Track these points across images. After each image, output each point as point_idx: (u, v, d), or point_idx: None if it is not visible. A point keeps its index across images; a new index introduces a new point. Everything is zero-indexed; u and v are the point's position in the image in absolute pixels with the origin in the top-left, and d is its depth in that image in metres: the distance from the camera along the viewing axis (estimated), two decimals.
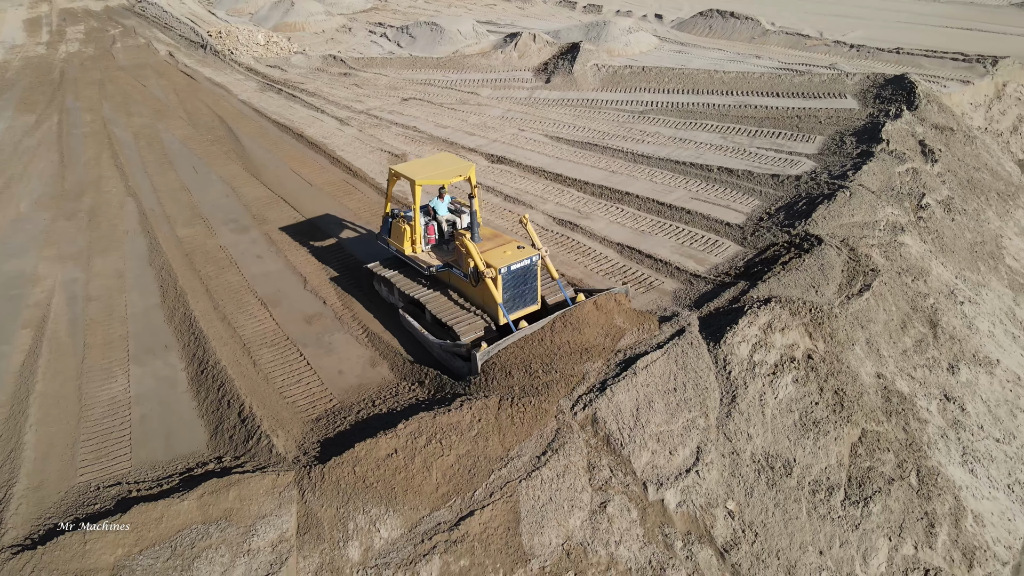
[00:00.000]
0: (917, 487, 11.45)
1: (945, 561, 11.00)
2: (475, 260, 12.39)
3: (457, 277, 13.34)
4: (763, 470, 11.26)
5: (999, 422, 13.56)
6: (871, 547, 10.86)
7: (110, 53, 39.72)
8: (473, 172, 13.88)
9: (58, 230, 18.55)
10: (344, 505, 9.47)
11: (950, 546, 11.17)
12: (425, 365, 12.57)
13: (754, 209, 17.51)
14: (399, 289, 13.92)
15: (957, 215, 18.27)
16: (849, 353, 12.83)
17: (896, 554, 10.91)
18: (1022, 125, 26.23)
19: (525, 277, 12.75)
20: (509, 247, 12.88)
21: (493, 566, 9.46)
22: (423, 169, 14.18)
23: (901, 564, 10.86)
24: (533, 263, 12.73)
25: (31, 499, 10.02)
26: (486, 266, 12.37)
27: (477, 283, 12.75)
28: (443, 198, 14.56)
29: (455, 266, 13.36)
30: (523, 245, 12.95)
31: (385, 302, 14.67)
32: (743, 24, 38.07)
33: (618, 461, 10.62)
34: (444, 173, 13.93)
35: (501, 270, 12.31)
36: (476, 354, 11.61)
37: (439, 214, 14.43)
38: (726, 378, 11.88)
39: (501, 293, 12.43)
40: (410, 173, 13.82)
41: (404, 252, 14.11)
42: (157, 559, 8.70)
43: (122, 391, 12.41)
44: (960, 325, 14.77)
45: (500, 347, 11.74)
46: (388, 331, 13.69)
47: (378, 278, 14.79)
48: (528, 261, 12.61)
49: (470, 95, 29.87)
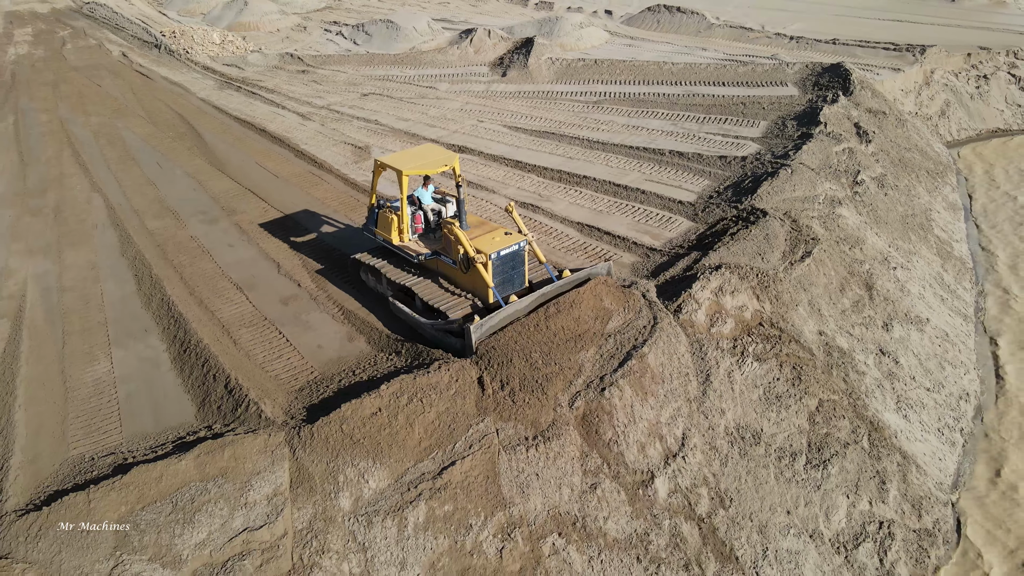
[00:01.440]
0: (869, 449, 12.58)
1: (897, 513, 12.12)
2: (465, 247, 12.85)
3: (445, 264, 13.73)
4: (735, 441, 12.22)
5: (929, 373, 14.85)
6: (832, 505, 11.94)
7: (61, 55, 39.21)
8: (457, 162, 14.36)
9: (24, 226, 18.67)
10: (333, 460, 10.13)
11: (900, 499, 12.30)
12: (401, 336, 13.23)
13: (704, 188, 18.61)
14: (388, 278, 14.21)
15: (890, 190, 19.67)
16: (793, 313, 13.95)
17: (854, 510, 12.00)
18: (949, 109, 28.02)
19: (514, 262, 13.33)
20: (497, 233, 13.44)
21: (475, 510, 10.24)
22: (409, 160, 14.51)
23: (859, 519, 11.95)
24: (521, 248, 13.34)
25: (28, 471, 10.42)
26: (476, 252, 12.81)
27: (468, 270, 13.17)
28: (427, 187, 14.95)
29: (443, 253, 13.76)
30: (510, 231, 13.53)
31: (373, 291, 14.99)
32: (689, 18, 39.52)
33: (611, 454, 11.26)
34: (430, 164, 14.32)
35: (492, 256, 12.82)
36: (469, 327, 12.01)
37: (424, 203, 14.82)
38: (701, 359, 12.80)
39: (492, 277, 12.91)
40: (397, 164, 14.20)
41: (392, 241, 14.42)
42: (160, 514, 9.26)
43: (106, 372, 12.80)
44: (893, 288, 16.06)
45: (493, 321, 12.23)
46: (363, 309, 14.31)
47: (365, 267, 15.04)
48: (517, 247, 13.21)
49: (428, 89, 30.54)
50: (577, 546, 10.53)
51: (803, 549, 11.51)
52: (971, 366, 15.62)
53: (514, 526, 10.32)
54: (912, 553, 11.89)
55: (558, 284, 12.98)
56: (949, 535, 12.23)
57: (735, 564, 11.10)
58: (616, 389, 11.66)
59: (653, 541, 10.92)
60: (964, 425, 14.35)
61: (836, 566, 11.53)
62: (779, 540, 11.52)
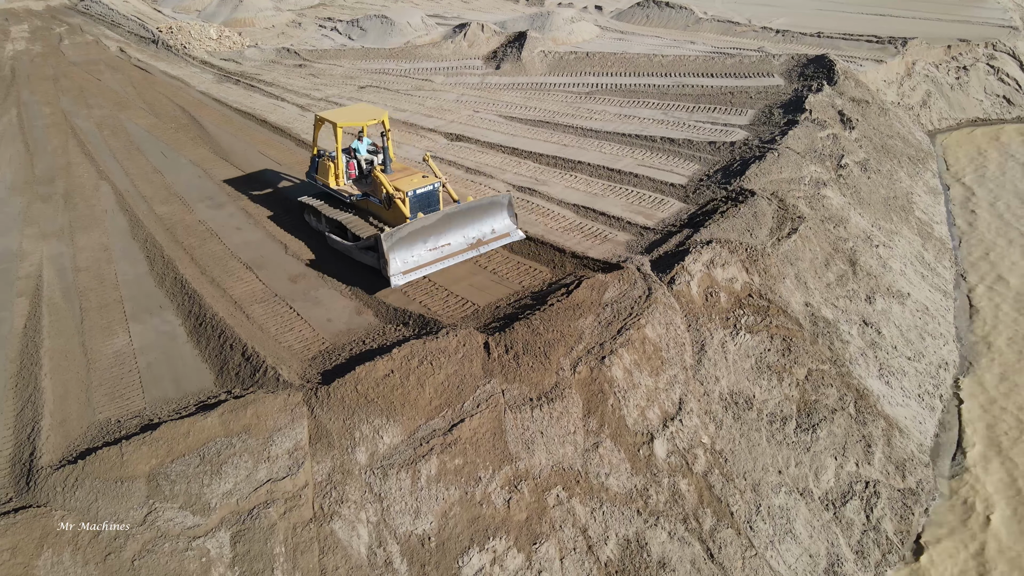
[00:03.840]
0: (855, 415, 13.33)
1: (882, 474, 12.88)
2: (386, 187, 15.32)
3: (373, 203, 16.14)
4: (729, 406, 12.94)
5: (910, 343, 15.62)
6: (821, 466, 12.68)
7: (59, 50, 39.54)
8: (387, 117, 16.52)
9: (36, 211, 19.16)
10: (350, 417, 10.75)
11: (885, 461, 13.06)
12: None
13: (695, 172, 19.32)
14: (325, 216, 16.68)
15: (873, 174, 20.45)
16: (781, 285, 14.67)
17: (841, 471, 12.76)
18: (930, 99, 28.89)
19: (429, 200, 15.59)
20: (415, 176, 15.84)
21: (483, 464, 10.89)
22: (343, 115, 17.14)
23: (846, 479, 12.70)
24: (435, 189, 15.65)
25: (58, 432, 10.96)
26: (396, 191, 15.28)
27: (390, 206, 15.53)
28: (362, 140, 17.29)
29: (372, 194, 16.18)
30: (427, 175, 15.88)
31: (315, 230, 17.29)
32: (678, 13, 40.28)
33: (612, 416, 11.90)
34: (360, 118, 16.85)
35: (408, 193, 15.23)
36: (380, 235, 13.89)
37: (359, 153, 17.12)
38: (696, 330, 13.50)
39: (409, 211, 15.19)
40: (332, 118, 16.62)
41: (329, 185, 16.83)
42: (188, 466, 9.85)
43: (125, 344, 13.35)
44: (876, 264, 16.82)
45: (403, 232, 14.02)
46: (372, 287, 14.91)
47: (307, 208, 17.49)
48: (431, 187, 15.56)
49: (424, 82, 31.15)
50: (580, 499, 11.19)
51: (794, 506, 12.22)
52: (950, 337, 16.40)
53: (520, 479, 10.98)
54: (897, 511, 12.64)
55: (460, 205, 14.96)
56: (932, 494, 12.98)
57: (730, 519, 11.79)
58: (616, 357, 12.33)
59: (652, 496, 11.60)
60: (943, 392, 15.13)
61: (825, 521, 12.25)
62: (771, 497, 12.24)
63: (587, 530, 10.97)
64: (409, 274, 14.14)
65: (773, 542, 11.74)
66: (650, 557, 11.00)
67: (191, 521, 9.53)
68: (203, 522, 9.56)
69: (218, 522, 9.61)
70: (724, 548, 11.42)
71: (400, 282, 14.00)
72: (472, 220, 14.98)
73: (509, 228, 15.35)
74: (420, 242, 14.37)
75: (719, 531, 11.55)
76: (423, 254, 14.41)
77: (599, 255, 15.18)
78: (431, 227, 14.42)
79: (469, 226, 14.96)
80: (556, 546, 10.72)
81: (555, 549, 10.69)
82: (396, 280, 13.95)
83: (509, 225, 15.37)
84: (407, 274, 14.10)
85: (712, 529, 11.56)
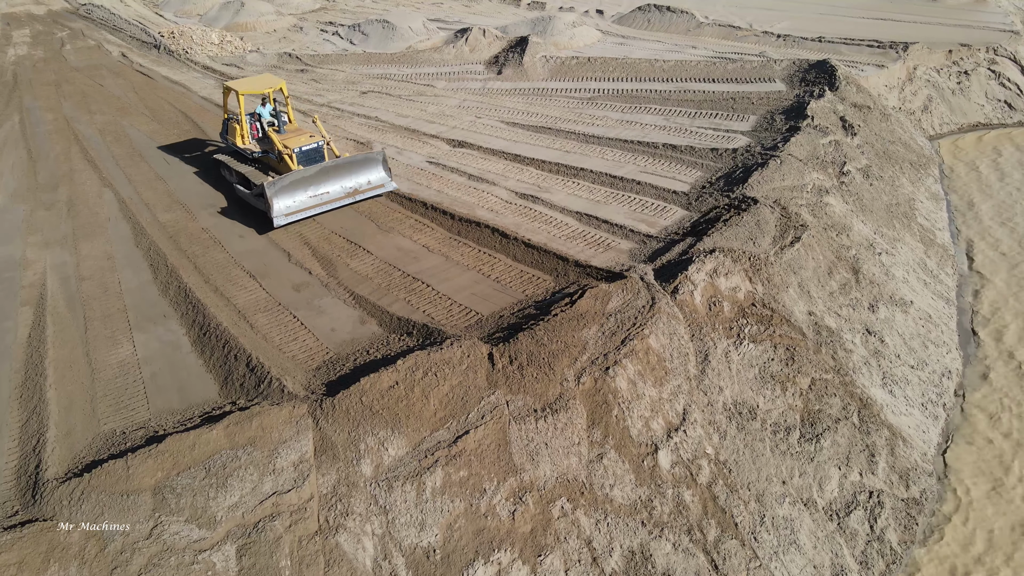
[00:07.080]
0: (859, 425, 13.33)
1: (886, 484, 12.88)
2: (277, 145, 18.62)
3: (271, 159, 19.31)
4: (733, 416, 12.93)
5: (913, 352, 15.62)
6: (824, 476, 12.68)
7: (61, 55, 39.58)
8: (284, 85, 19.96)
9: (39, 219, 19.19)
10: (354, 429, 10.76)
11: (888, 471, 13.06)
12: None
13: (697, 179, 19.34)
14: (234, 170, 19.73)
15: (875, 181, 20.47)
16: (784, 294, 14.69)
17: (845, 481, 12.74)
18: (932, 104, 28.90)
19: (314, 156, 18.70)
20: (303, 136, 19.04)
21: (488, 475, 10.90)
22: (246, 84, 20.37)
23: (850, 489, 12.68)
24: (320, 146, 18.82)
25: (63, 444, 10.98)
26: (284, 147, 18.43)
27: (281, 161, 18.60)
28: (265, 105, 20.62)
29: (270, 151, 19.25)
30: (314, 135, 19.05)
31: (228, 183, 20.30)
32: (679, 17, 40.31)
33: (616, 427, 11.88)
34: (260, 86, 20.13)
35: (295, 150, 18.44)
36: (265, 184, 16.97)
37: (263, 118, 20.37)
38: (700, 340, 13.52)
39: (296, 165, 18.26)
40: (235, 86, 19.97)
41: (236, 144, 20.33)
42: (194, 479, 9.86)
43: (129, 354, 13.38)
44: (879, 272, 16.83)
45: (285, 181, 17.09)
46: (374, 294, 14.95)
47: (222, 164, 20.64)
48: (316, 144, 18.70)
49: (426, 87, 31.17)
50: (584, 510, 11.20)
51: (798, 516, 12.22)
52: (953, 346, 16.41)
53: (525, 491, 10.99)
54: (901, 520, 12.63)
55: (338, 160, 17.94)
56: (934, 504, 12.98)
57: (734, 530, 11.79)
58: (620, 368, 12.34)
59: (657, 507, 11.61)
60: (947, 400, 15.14)
61: (829, 532, 12.25)
62: (775, 508, 12.24)
63: (592, 542, 10.98)
64: (291, 215, 17.23)
65: (777, 553, 11.74)
66: (654, 568, 11.01)
67: (197, 534, 9.55)
68: (209, 535, 9.57)
69: (224, 535, 9.62)
70: (728, 559, 11.42)
71: (282, 223, 17.07)
72: (349, 172, 18.11)
73: (383, 180, 18.43)
74: (301, 190, 17.44)
75: (723, 542, 11.56)
76: (304, 199, 17.50)
77: (602, 264, 15.20)
78: (311, 178, 17.46)
79: (347, 177, 18.08)
80: (561, 558, 10.73)
81: (560, 561, 10.70)
82: (278, 221, 17.01)
83: (383, 177, 18.45)
84: (288, 216, 17.19)
85: (716, 540, 11.57)
